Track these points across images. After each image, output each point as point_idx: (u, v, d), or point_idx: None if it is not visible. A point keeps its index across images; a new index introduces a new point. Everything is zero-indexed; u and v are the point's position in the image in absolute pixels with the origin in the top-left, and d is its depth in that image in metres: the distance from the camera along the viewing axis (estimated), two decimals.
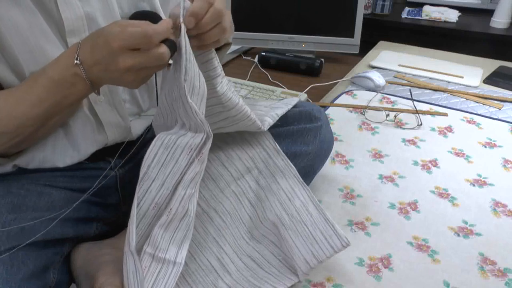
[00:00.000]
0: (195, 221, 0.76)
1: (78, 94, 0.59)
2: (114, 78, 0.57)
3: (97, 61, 0.55)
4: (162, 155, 0.61)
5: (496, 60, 1.60)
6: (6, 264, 0.56)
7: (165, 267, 0.60)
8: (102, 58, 0.54)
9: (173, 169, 0.61)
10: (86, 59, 0.55)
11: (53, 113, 0.60)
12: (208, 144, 0.59)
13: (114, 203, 0.78)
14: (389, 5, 2.05)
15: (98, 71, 0.56)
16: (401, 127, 1.20)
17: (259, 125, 0.72)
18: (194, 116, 0.57)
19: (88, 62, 0.56)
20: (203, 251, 0.75)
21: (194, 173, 0.59)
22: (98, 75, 0.56)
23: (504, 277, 0.77)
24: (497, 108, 1.30)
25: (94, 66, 0.55)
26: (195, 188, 0.60)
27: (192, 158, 0.59)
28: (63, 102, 0.59)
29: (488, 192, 0.97)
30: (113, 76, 0.56)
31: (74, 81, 0.56)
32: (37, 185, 0.67)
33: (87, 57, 0.55)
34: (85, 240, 0.72)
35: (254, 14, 1.54)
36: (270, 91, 1.32)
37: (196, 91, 0.58)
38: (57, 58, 0.57)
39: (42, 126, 0.61)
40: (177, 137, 0.60)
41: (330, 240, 0.72)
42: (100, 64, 0.55)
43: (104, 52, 0.54)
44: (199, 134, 0.59)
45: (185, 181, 0.59)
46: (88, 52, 0.55)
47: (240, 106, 0.68)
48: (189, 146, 0.59)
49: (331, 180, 1.00)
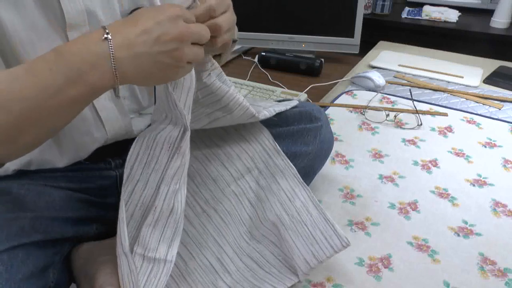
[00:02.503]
0: (195, 221, 0.76)
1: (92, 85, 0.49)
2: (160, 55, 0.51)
3: (144, 30, 0.50)
4: (144, 154, 0.61)
5: (496, 60, 1.60)
6: (5, 264, 0.56)
7: (156, 266, 0.60)
8: (153, 26, 0.50)
9: (155, 167, 0.61)
10: (122, 32, 0.49)
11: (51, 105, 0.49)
12: (186, 137, 0.59)
13: (114, 203, 0.77)
14: (389, 5, 2.05)
15: (141, 45, 0.49)
16: (401, 127, 1.20)
17: (252, 112, 0.72)
18: (174, 108, 0.57)
19: (127, 35, 0.49)
20: (203, 251, 0.75)
21: (175, 168, 0.59)
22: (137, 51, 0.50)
23: (504, 277, 0.77)
24: (497, 108, 1.30)
25: (139, 37, 0.49)
26: (179, 184, 0.60)
27: (172, 153, 0.59)
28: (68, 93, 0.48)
29: (488, 192, 0.97)
30: (161, 50, 0.50)
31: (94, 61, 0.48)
32: (37, 185, 0.67)
33: (124, 30, 0.49)
34: (85, 240, 0.72)
35: (254, 14, 1.54)
36: (270, 91, 1.32)
37: (180, 84, 0.58)
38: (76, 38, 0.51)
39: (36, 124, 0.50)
40: (156, 134, 0.61)
41: (330, 240, 0.72)
42: (149, 32, 0.50)
43: (158, 18, 0.50)
44: (177, 127, 0.59)
45: (167, 178, 0.59)
46: (124, 26, 0.50)
47: (230, 94, 0.67)
48: (167, 141, 0.60)
49: (331, 180, 1.00)
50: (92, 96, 0.52)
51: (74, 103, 0.50)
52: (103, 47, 0.48)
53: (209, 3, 0.57)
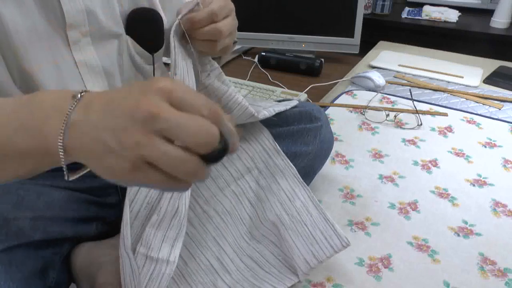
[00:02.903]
0: (195, 221, 0.76)
1: (39, 141, 0.39)
2: (111, 135, 0.35)
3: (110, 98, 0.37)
4: None
5: (496, 60, 1.60)
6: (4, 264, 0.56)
7: (158, 266, 0.60)
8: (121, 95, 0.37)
9: None
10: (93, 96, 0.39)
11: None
12: None
13: (114, 202, 0.78)
14: (389, 5, 2.05)
15: (98, 113, 0.37)
16: (401, 127, 1.20)
17: (251, 111, 0.72)
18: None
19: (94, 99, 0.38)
20: (203, 251, 0.75)
21: None
22: (92, 121, 0.37)
23: (504, 277, 0.77)
24: (497, 108, 1.30)
25: (100, 104, 0.37)
26: None
27: None
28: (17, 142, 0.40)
29: (488, 192, 0.97)
30: (108, 124, 0.36)
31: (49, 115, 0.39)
32: (36, 184, 0.67)
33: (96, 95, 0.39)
34: (85, 240, 0.72)
35: (254, 14, 1.54)
36: (270, 91, 1.32)
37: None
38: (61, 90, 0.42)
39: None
40: None
41: (330, 240, 0.72)
42: (112, 101, 0.37)
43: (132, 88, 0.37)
44: None
45: None
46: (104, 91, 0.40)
47: (229, 94, 0.67)
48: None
49: (331, 180, 1.00)
50: (39, 157, 0.41)
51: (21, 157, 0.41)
52: (66, 104, 0.39)
53: (212, 7, 0.57)
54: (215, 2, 0.59)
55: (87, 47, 0.63)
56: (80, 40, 0.62)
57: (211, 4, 0.58)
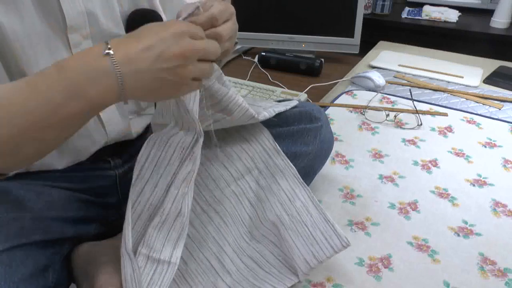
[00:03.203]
0: (195, 221, 0.76)
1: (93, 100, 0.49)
2: (163, 71, 0.49)
3: (147, 46, 0.48)
4: (155, 156, 0.61)
5: (496, 60, 1.60)
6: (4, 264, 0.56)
7: (160, 267, 0.60)
8: (155, 42, 0.48)
9: (166, 169, 0.61)
10: (124, 47, 0.48)
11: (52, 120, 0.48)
12: (199, 143, 0.59)
13: (114, 203, 0.78)
14: (389, 5, 2.05)
15: (143, 61, 0.48)
16: (401, 127, 1.20)
17: (252, 113, 0.72)
18: (186, 114, 0.57)
19: (129, 50, 0.48)
20: (203, 251, 0.75)
21: (186, 172, 0.59)
22: (139, 67, 0.48)
23: (504, 277, 0.77)
24: (497, 108, 1.30)
25: (141, 53, 0.48)
26: (188, 187, 0.60)
27: (184, 157, 0.59)
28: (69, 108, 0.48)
29: (488, 192, 0.97)
30: (163, 67, 0.49)
31: (94, 76, 0.47)
32: (37, 185, 0.67)
33: (126, 46, 0.48)
34: (85, 240, 0.72)
35: (254, 14, 1.54)
36: (270, 91, 1.32)
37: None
38: (78, 53, 0.51)
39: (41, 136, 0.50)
40: (168, 137, 0.61)
41: (330, 240, 0.72)
42: (152, 49, 0.48)
43: (161, 35, 0.49)
44: (190, 133, 0.59)
45: (177, 181, 0.59)
46: (126, 42, 0.49)
47: (230, 96, 0.67)
48: (180, 145, 0.60)
49: (331, 180, 1.00)
50: (93, 112, 0.51)
51: (75, 118, 0.50)
52: (104, 62, 0.47)
53: (212, 11, 0.57)
54: (216, 6, 0.58)
55: None
56: (81, 42, 0.62)
57: (211, 8, 0.58)
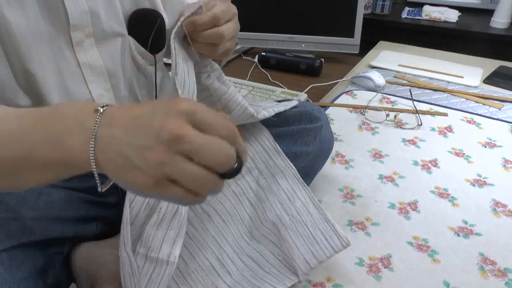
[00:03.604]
0: (195, 221, 0.76)
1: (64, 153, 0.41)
2: (128, 149, 0.38)
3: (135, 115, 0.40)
4: None
5: (496, 60, 1.60)
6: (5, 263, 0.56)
7: (158, 266, 0.60)
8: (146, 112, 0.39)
9: None
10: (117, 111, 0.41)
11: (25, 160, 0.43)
12: None
13: (114, 202, 0.78)
14: (389, 5, 2.05)
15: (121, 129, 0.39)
16: (401, 127, 1.20)
17: (251, 112, 0.72)
18: None
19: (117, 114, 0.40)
20: (203, 251, 0.75)
21: None
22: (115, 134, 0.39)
23: (504, 277, 0.77)
24: (497, 108, 1.30)
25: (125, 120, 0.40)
26: None
27: None
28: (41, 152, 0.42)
29: (488, 192, 0.97)
30: (132, 142, 0.38)
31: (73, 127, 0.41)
32: None
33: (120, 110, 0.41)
34: (85, 240, 0.72)
35: (254, 14, 1.54)
36: (270, 91, 1.32)
37: (187, 87, 0.58)
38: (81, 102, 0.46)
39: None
40: None
41: (330, 240, 0.72)
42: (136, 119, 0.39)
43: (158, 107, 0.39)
44: None
45: None
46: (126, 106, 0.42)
47: (229, 94, 0.68)
48: None
49: (331, 180, 1.00)
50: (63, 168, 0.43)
51: (44, 168, 0.43)
52: (89, 118, 0.41)
53: (215, 11, 0.58)
54: (218, 5, 0.59)
55: (90, 48, 0.63)
56: (84, 41, 0.62)
57: (214, 8, 0.58)
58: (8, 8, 0.54)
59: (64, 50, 0.61)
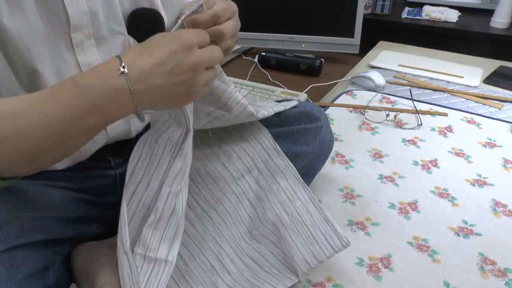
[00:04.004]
0: (195, 221, 0.76)
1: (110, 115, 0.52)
2: (175, 85, 0.52)
3: (159, 62, 0.50)
4: (146, 156, 0.61)
5: (496, 60, 1.60)
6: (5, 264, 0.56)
7: (157, 266, 0.60)
8: (167, 57, 0.51)
9: (157, 168, 0.61)
10: (138, 64, 0.50)
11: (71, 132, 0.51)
12: (188, 139, 0.59)
13: (114, 202, 0.77)
14: (389, 5, 2.05)
15: (157, 77, 0.51)
16: (401, 127, 1.20)
17: (250, 111, 0.72)
18: (178, 109, 0.58)
19: (142, 67, 0.50)
20: (203, 251, 0.75)
21: (177, 170, 0.59)
22: (153, 84, 0.51)
23: (504, 277, 0.77)
24: (497, 108, 1.30)
25: (154, 69, 0.50)
26: (181, 185, 0.60)
27: (174, 154, 0.60)
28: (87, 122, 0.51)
29: (488, 192, 0.97)
30: (176, 81, 0.52)
31: (112, 94, 0.50)
32: (37, 184, 0.67)
33: (140, 62, 0.50)
34: (85, 240, 0.72)
35: (254, 14, 1.54)
36: (270, 91, 1.32)
37: None
38: (92, 69, 0.52)
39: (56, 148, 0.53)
40: (159, 135, 0.61)
41: (330, 240, 0.72)
42: (164, 64, 0.51)
43: (172, 48, 0.51)
44: (179, 129, 0.60)
45: (169, 179, 0.60)
46: (139, 57, 0.51)
47: (229, 92, 0.68)
48: (170, 142, 0.60)
49: (331, 180, 1.00)
50: (110, 123, 0.54)
51: (94, 130, 0.53)
52: (119, 80, 0.49)
53: (215, 9, 0.58)
54: (219, 4, 0.59)
55: (90, 49, 0.63)
56: (84, 42, 0.62)
57: (214, 6, 0.58)
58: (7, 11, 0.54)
59: (64, 52, 0.61)
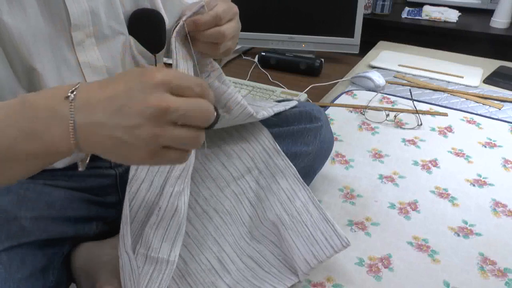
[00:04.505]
0: (195, 221, 0.76)
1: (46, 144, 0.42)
2: (121, 130, 0.40)
3: (111, 95, 0.40)
4: None
5: (496, 60, 1.60)
6: (5, 263, 0.56)
7: (158, 266, 0.60)
8: (121, 92, 0.40)
9: (160, 167, 0.61)
10: (88, 93, 0.42)
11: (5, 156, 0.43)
12: None
13: (114, 202, 0.78)
14: (389, 5, 2.05)
15: (99, 112, 0.40)
16: (401, 127, 1.20)
17: (250, 111, 0.72)
18: None
19: (91, 97, 0.41)
20: (203, 251, 0.75)
21: (180, 169, 0.60)
22: (95, 119, 0.40)
23: (504, 277, 0.77)
24: (497, 108, 1.30)
25: (102, 103, 0.40)
26: (183, 185, 0.60)
27: None
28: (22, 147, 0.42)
29: (488, 192, 0.97)
30: (120, 124, 0.40)
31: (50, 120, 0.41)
32: (36, 184, 0.67)
33: (91, 91, 0.42)
34: (85, 240, 0.72)
35: (254, 14, 1.54)
36: (270, 91, 1.32)
37: None
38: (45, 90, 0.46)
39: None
40: None
41: (330, 240, 0.72)
42: (114, 100, 0.40)
43: (131, 84, 0.40)
44: None
45: (172, 179, 0.60)
46: (95, 86, 0.42)
47: (229, 93, 0.68)
48: None
49: (331, 180, 1.00)
50: (49, 157, 0.44)
51: (31, 158, 0.44)
52: (62, 106, 0.41)
53: (216, 10, 0.58)
54: (220, 5, 0.59)
55: (91, 48, 0.63)
56: (84, 41, 0.62)
57: (215, 7, 0.58)
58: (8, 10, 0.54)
59: (64, 50, 0.61)
